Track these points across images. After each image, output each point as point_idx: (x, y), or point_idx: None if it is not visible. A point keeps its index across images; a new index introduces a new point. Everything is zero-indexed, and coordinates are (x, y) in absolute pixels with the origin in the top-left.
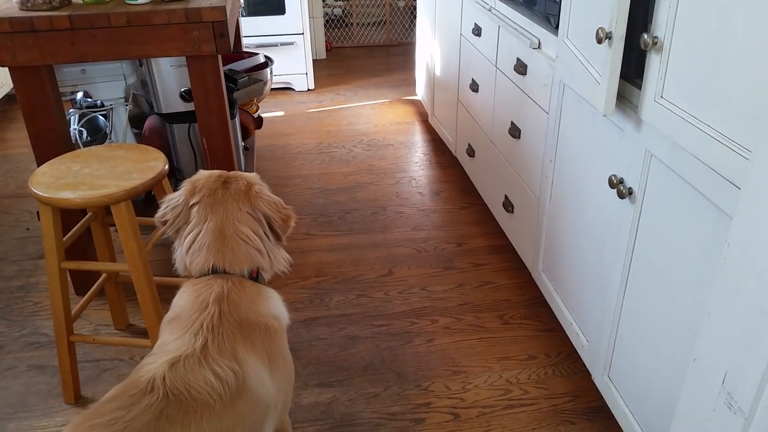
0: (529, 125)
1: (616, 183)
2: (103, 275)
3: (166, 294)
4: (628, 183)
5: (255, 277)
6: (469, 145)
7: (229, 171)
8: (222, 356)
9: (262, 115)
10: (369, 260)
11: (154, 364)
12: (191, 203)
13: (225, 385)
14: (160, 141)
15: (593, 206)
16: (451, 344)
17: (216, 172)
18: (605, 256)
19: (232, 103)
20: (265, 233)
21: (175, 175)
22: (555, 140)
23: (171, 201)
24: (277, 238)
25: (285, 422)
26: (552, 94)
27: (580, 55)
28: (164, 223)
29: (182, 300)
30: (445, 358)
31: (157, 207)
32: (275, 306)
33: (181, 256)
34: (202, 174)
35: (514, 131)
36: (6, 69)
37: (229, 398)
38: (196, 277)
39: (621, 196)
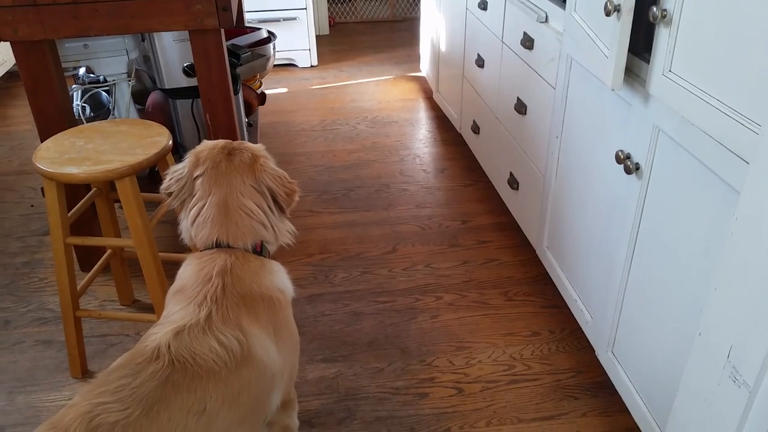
0: (536, 101)
1: (623, 158)
2: (108, 251)
3: (171, 270)
4: (635, 158)
5: (259, 250)
6: (474, 121)
7: (231, 142)
8: (226, 326)
9: (266, 92)
10: (373, 237)
11: (158, 333)
12: (195, 175)
13: (230, 353)
14: (164, 117)
15: (599, 182)
16: (455, 320)
17: (221, 142)
18: (611, 232)
19: (235, 79)
20: (269, 206)
21: (179, 151)
22: (562, 116)
23: (175, 173)
24: (282, 211)
25: (291, 393)
26: (559, 68)
27: (587, 28)
28: (169, 194)
29: (186, 273)
30: (449, 334)
31: (161, 183)
32: (279, 279)
33: (186, 228)
34: (206, 145)
35: (520, 107)
36: (8, 45)
37: (235, 365)
38: (201, 250)
39: (628, 171)
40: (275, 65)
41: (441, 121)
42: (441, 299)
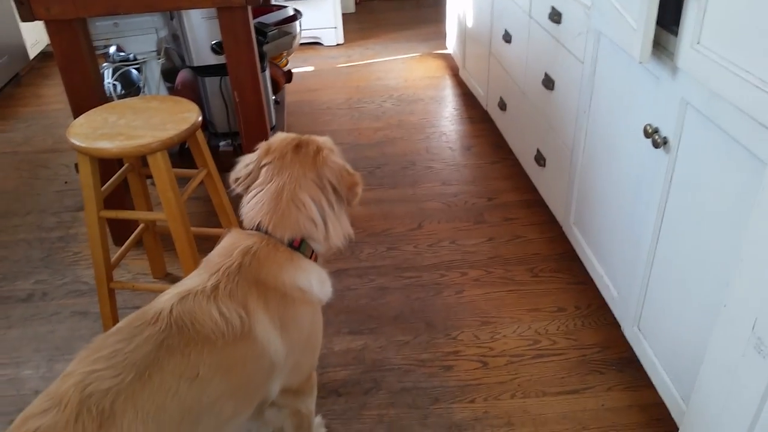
0: (564, 76)
1: (650, 133)
2: (141, 225)
3: (201, 244)
4: (663, 132)
5: (297, 246)
6: (500, 98)
7: (301, 136)
8: (231, 300)
9: (292, 70)
10: (399, 214)
11: (165, 296)
12: (263, 163)
13: (229, 326)
14: (193, 94)
15: (627, 157)
16: (480, 296)
17: (291, 135)
18: (638, 206)
19: (262, 56)
20: (328, 201)
21: (208, 129)
22: (590, 91)
23: (245, 160)
24: (348, 204)
25: (306, 383)
26: (587, 43)
27: (615, 1)
28: (236, 180)
29: (220, 244)
30: (475, 309)
31: (191, 159)
32: (304, 279)
33: (243, 209)
34: (279, 136)
35: (548, 82)
36: (41, 26)
37: (232, 339)
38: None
39: (656, 145)
40: (301, 44)
41: (467, 99)
42: (466, 275)
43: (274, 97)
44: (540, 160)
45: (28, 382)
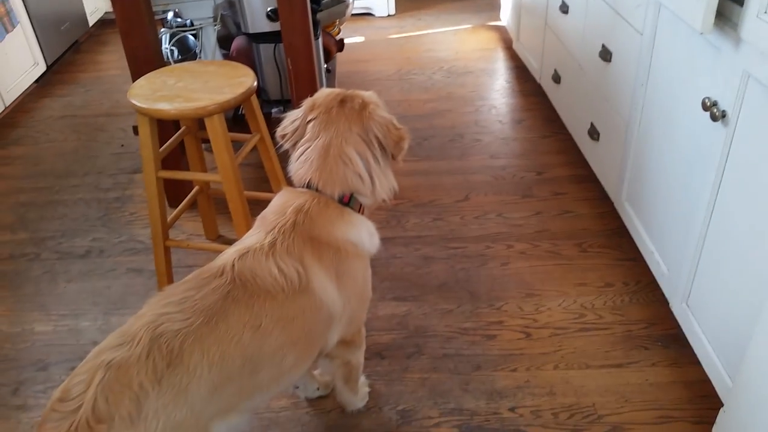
0: (622, 48)
1: (709, 106)
2: (196, 188)
3: (254, 208)
4: (722, 105)
5: (346, 201)
6: (555, 71)
7: (345, 91)
8: (289, 257)
9: (344, 40)
10: (445, 186)
11: (227, 254)
12: (309, 119)
13: (288, 281)
14: (247, 61)
15: (683, 131)
16: (526, 268)
17: (336, 90)
18: (692, 181)
19: (315, 24)
20: (374, 155)
21: (261, 96)
22: (648, 63)
23: (292, 116)
24: (393, 158)
25: (354, 335)
26: (647, 13)
27: None
28: (283, 136)
29: (274, 202)
30: (519, 281)
31: (243, 125)
32: (355, 232)
33: (292, 166)
34: (323, 92)
35: (605, 54)
36: None
37: (291, 293)
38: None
39: (714, 118)
40: (353, 14)
41: (520, 72)
42: (512, 248)
43: (325, 66)
44: (594, 134)
45: (86, 333)
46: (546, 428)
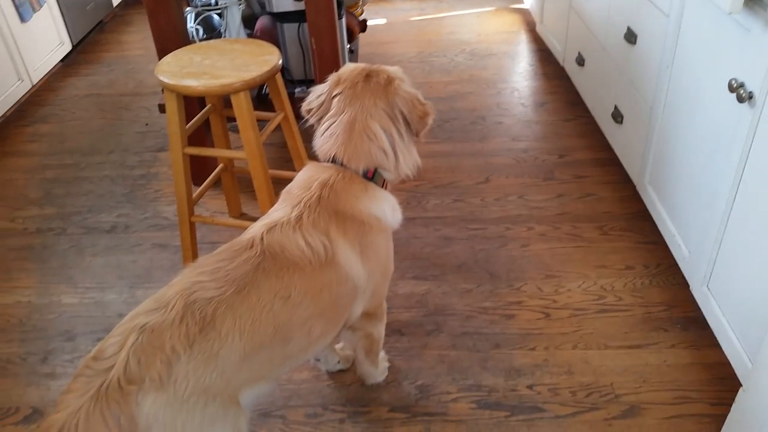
0: (647, 30)
1: (735, 87)
2: (220, 165)
3: (277, 185)
4: (749, 87)
5: (370, 176)
6: (579, 53)
7: (371, 66)
8: (315, 230)
9: (366, 20)
10: (466, 168)
11: (254, 227)
12: (334, 93)
13: (315, 254)
14: (272, 41)
15: (709, 113)
16: (546, 250)
17: (361, 65)
18: (716, 164)
19: (339, 4)
20: (398, 131)
21: (284, 75)
22: (674, 45)
23: (317, 90)
24: (416, 135)
25: (376, 308)
26: None
27: None
28: (309, 111)
29: (299, 177)
30: (539, 263)
31: (267, 104)
32: (378, 207)
33: (317, 141)
34: (348, 66)
35: (630, 36)
36: None
37: (318, 265)
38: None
39: (740, 100)
40: None
41: (543, 54)
42: (533, 230)
43: (348, 46)
44: (617, 117)
45: (112, 305)
46: (564, 406)
